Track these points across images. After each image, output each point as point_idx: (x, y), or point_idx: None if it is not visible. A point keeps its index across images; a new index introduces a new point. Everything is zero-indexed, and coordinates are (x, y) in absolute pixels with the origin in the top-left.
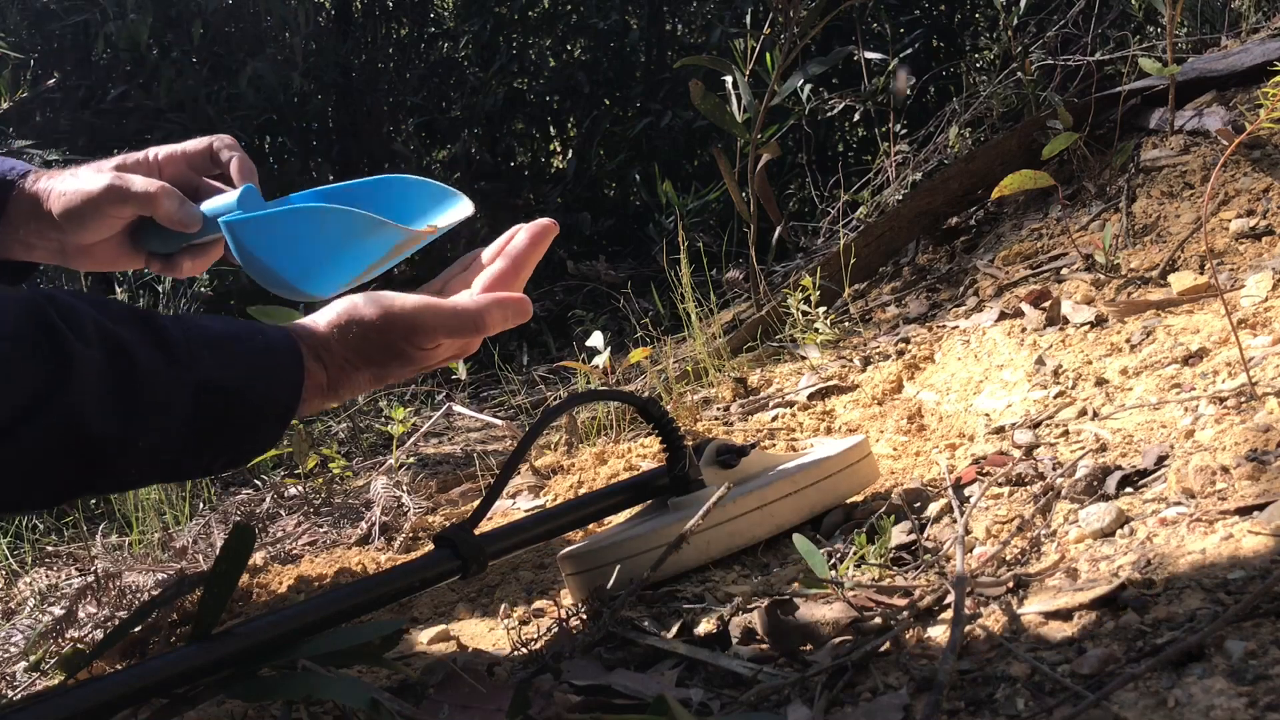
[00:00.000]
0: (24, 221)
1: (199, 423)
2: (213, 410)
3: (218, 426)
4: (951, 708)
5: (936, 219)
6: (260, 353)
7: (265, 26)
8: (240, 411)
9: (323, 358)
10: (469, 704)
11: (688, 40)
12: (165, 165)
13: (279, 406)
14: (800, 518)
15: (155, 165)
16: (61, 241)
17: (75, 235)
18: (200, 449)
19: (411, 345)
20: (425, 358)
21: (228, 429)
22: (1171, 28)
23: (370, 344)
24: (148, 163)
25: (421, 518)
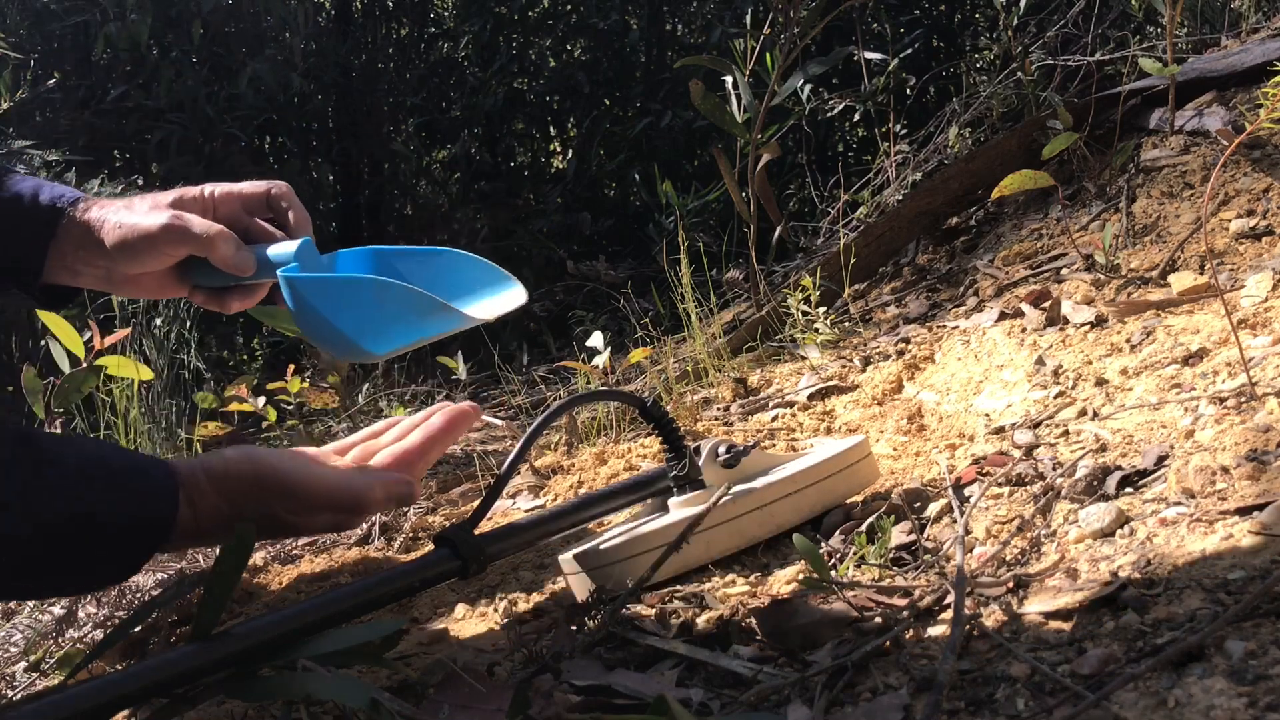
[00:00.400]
0: (74, 249)
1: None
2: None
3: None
4: (951, 708)
5: (936, 219)
6: (135, 494)
7: (265, 27)
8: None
9: (195, 502)
10: (469, 704)
11: (688, 40)
12: (220, 204)
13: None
14: (800, 518)
15: (210, 203)
16: (110, 270)
17: (126, 266)
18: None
19: (287, 510)
20: (302, 524)
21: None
22: (1171, 28)
23: (246, 500)
24: (203, 199)
25: (421, 518)
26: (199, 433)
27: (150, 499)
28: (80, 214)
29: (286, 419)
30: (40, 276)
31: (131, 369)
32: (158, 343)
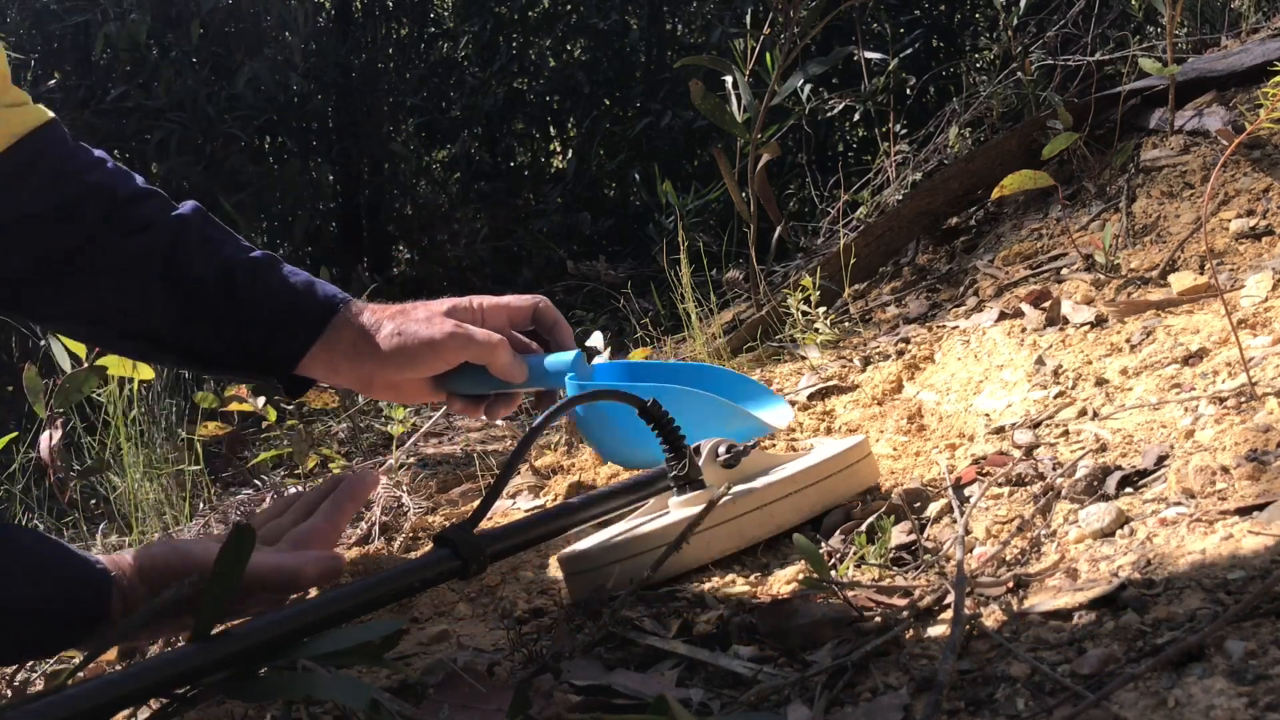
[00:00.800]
0: (344, 350)
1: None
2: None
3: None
4: (951, 708)
5: (936, 219)
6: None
7: (265, 27)
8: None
9: (126, 598)
10: (469, 704)
11: (688, 40)
12: (489, 315)
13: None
14: (800, 518)
15: (480, 314)
16: (374, 374)
17: (395, 372)
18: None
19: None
20: (236, 610)
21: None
22: (1171, 28)
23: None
24: (473, 310)
25: (421, 518)
26: (199, 433)
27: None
28: (355, 317)
29: (286, 419)
30: (295, 367)
31: (131, 369)
32: None
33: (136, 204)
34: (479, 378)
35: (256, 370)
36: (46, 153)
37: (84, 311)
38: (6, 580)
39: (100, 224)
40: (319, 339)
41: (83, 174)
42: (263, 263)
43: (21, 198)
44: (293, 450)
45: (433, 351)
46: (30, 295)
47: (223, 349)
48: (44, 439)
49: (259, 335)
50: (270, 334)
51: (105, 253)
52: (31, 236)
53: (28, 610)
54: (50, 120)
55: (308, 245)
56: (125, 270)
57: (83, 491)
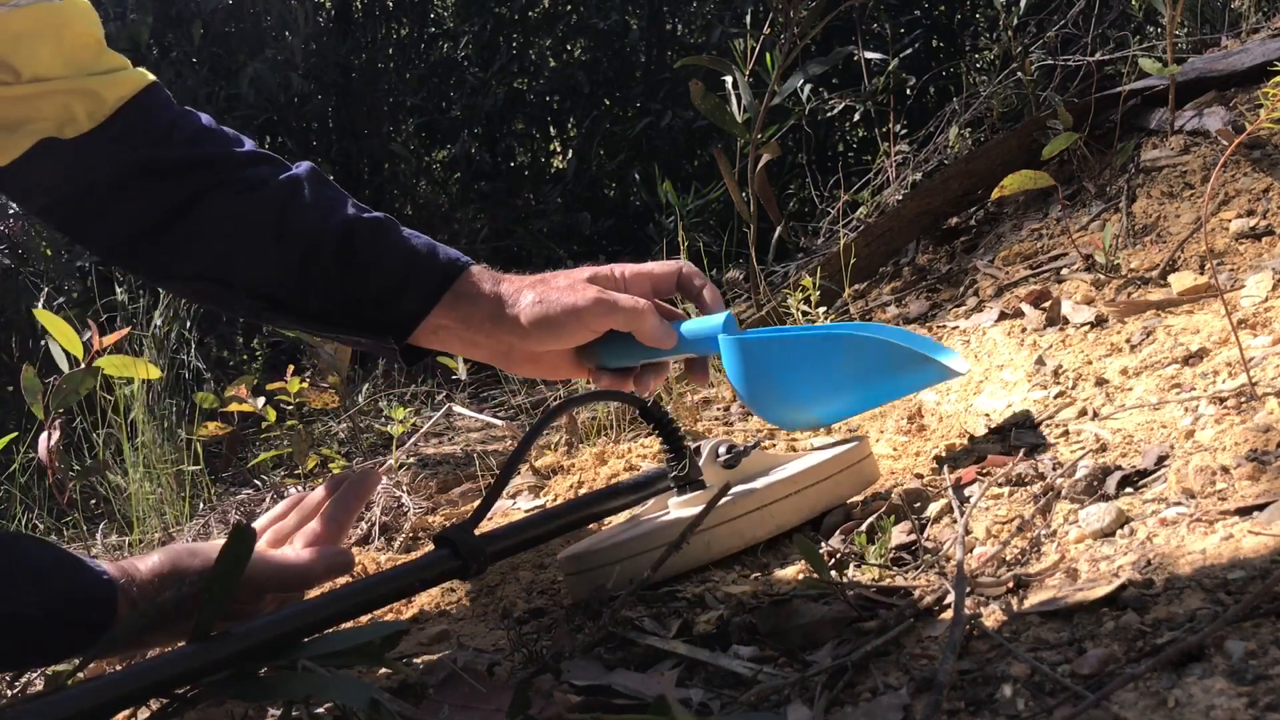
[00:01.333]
0: (480, 321)
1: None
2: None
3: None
4: (951, 708)
5: (936, 219)
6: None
7: (265, 27)
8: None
9: (136, 605)
10: (469, 704)
11: (688, 40)
12: (632, 283)
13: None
14: (800, 518)
15: (622, 281)
16: (514, 345)
17: (537, 343)
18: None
19: (234, 600)
20: (248, 610)
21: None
22: (1171, 28)
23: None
24: (614, 278)
25: (421, 518)
26: (199, 433)
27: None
28: (490, 283)
29: (286, 419)
30: (413, 332)
31: (135, 368)
32: (158, 342)
33: (249, 164)
34: (625, 347)
35: (375, 334)
36: (155, 112)
37: (199, 269)
38: (12, 589)
39: (211, 180)
40: (440, 303)
41: (192, 133)
42: (382, 223)
43: (132, 154)
44: (293, 450)
45: (577, 319)
46: (146, 249)
47: (339, 312)
48: (43, 439)
49: (376, 298)
50: (388, 296)
51: (217, 209)
52: (143, 191)
53: (34, 619)
54: (155, 82)
55: None
56: (238, 227)
57: (83, 491)
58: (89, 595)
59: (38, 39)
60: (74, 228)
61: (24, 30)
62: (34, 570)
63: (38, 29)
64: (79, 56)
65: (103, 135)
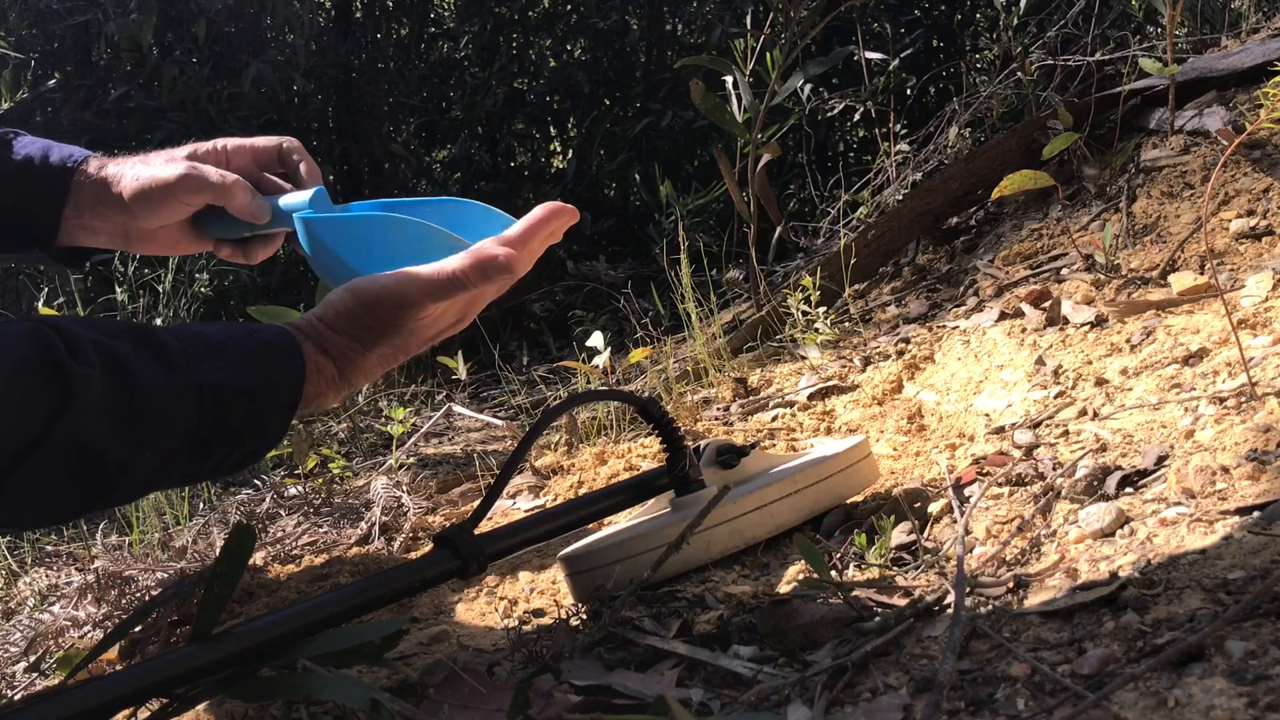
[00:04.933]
0: (89, 205)
1: (204, 427)
2: (217, 413)
3: (223, 428)
4: (951, 708)
5: (936, 219)
6: (258, 351)
7: (266, 26)
8: (244, 410)
9: (327, 349)
10: (469, 704)
11: (688, 40)
12: (233, 156)
13: (282, 400)
14: (800, 518)
15: (224, 155)
16: (127, 226)
17: (144, 219)
18: (208, 452)
19: (402, 319)
20: (424, 327)
21: (234, 429)
22: (1171, 28)
23: (364, 328)
24: (216, 152)
25: (421, 518)
26: None
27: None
28: (95, 171)
29: None
30: (56, 237)
31: None
32: None
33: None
34: (229, 221)
35: (27, 247)
36: None
37: None
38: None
39: None
40: (66, 202)
41: None
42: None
43: None
44: (292, 450)
45: (168, 193)
46: None
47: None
48: None
49: (13, 213)
50: (20, 209)
51: None
52: None
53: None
54: None
55: None
56: None
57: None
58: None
59: None
60: None
61: None
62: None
63: None
64: None
65: None
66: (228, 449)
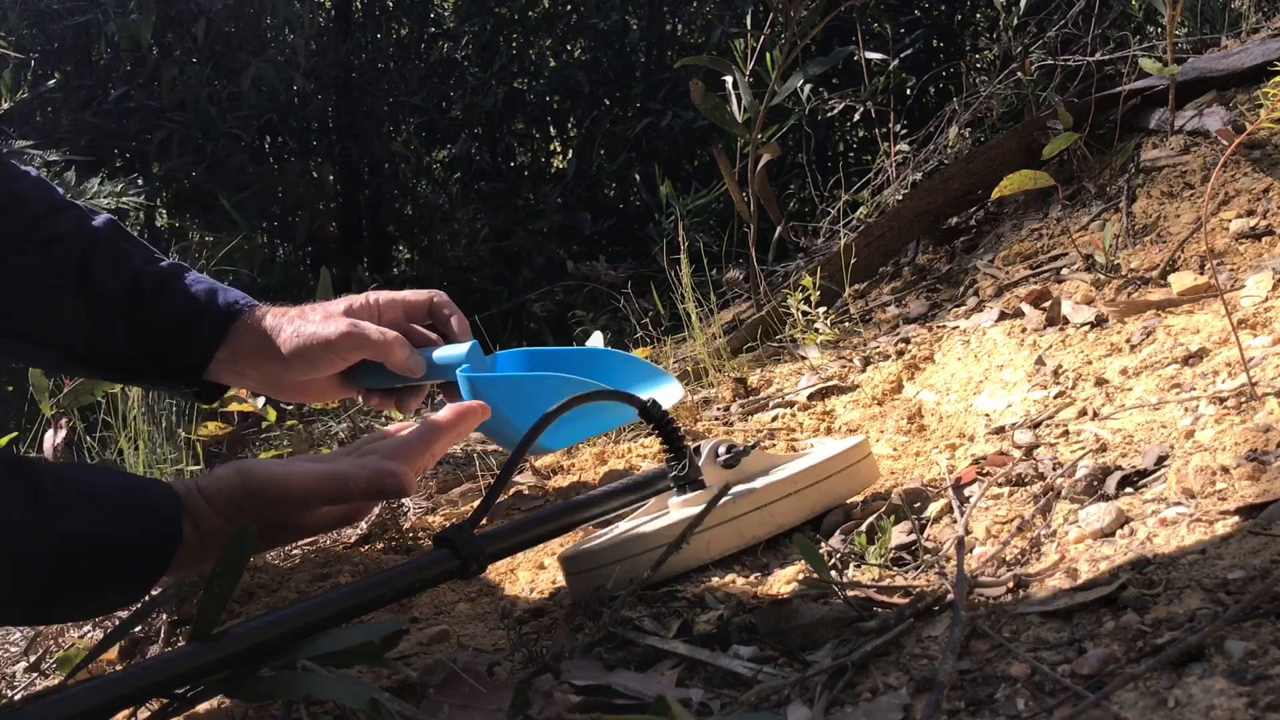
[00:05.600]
0: (247, 353)
1: (59, 576)
2: (76, 564)
3: (80, 581)
4: (951, 708)
5: (936, 219)
6: (139, 511)
7: (266, 26)
8: (105, 567)
9: (198, 524)
10: (469, 704)
11: (688, 40)
12: (385, 311)
13: (149, 566)
14: (800, 518)
15: (376, 310)
16: (280, 376)
17: (299, 373)
18: (58, 600)
19: (282, 511)
20: (305, 523)
21: (90, 584)
22: (1171, 28)
23: (242, 511)
24: (370, 306)
25: (421, 518)
26: (199, 433)
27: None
28: (256, 321)
29: (286, 419)
30: (203, 374)
31: None
32: None
33: (52, 216)
34: (382, 373)
35: (170, 379)
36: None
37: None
38: (71, 513)
39: (16, 237)
40: (223, 344)
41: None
42: (168, 273)
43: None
44: (292, 450)
45: (330, 350)
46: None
47: (135, 359)
48: (49, 438)
49: (166, 344)
50: (177, 342)
51: (20, 265)
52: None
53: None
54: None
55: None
56: (39, 282)
57: None
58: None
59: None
60: None
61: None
62: (94, 492)
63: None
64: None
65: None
66: (78, 601)
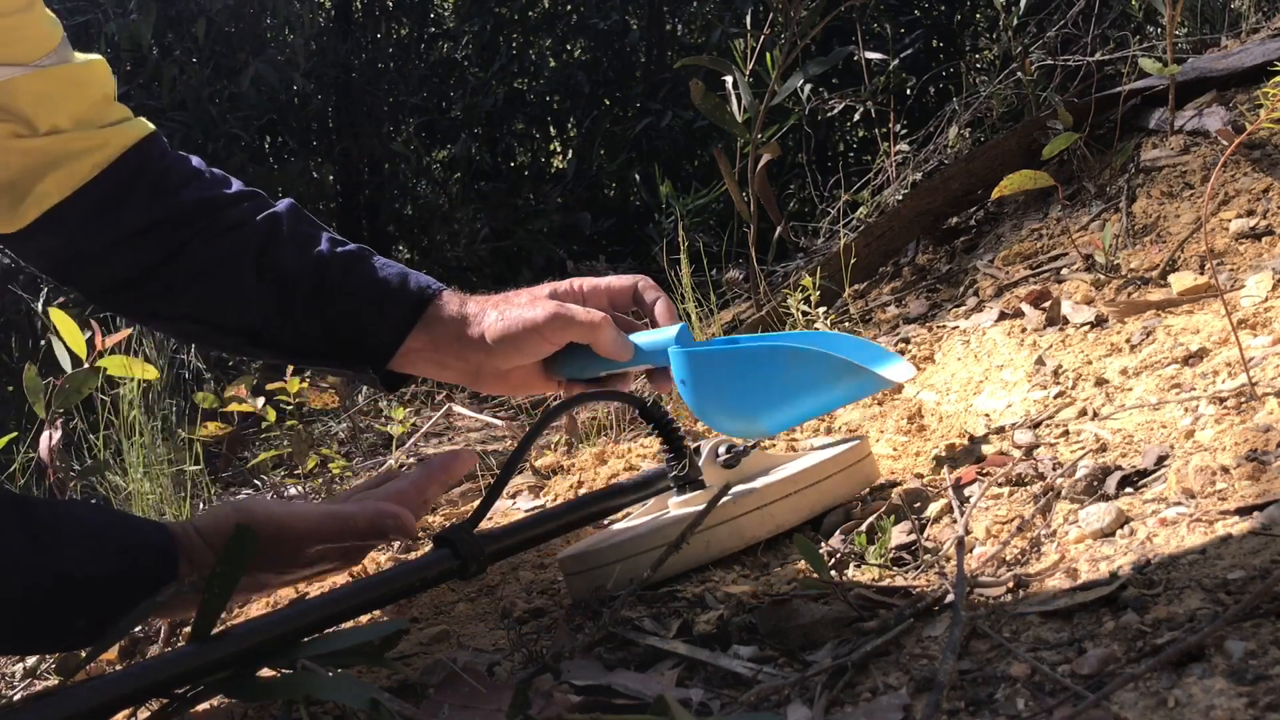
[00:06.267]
0: (447, 341)
1: (51, 612)
2: (68, 602)
3: (69, 617)
4: (951, 708)
5: (936, 219)
6: (136, 547)
7: (266, 26)
8: (97, 604)
9: (193, 562)
10: (469, 704)
11: (688, 40)
12: (589, 297)
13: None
14: (800, 518)
15: (581, 295)
16: (481, 364)
17: (503, 359)
18: (43, 633)
19: (280, 552)
20: (301, 564)
21: (80, 620)
22: (1171, 28)
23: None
24: (574, 292)
25: (421, 518)
26: (199, 433)
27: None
28: (455, 308)
29: (286, 419)
30: (390, 359)
31: (136, 368)
32: (158, 343)
33: (231, 206)
34: (586, 360)
35: (354, 363)
36: (147, 166)
37: (183, 311)
38: (66, 551)
39: (198, 225)
40: (414, 329)
41: (181, 187)
42: (355, 256)
43: (125, 212)
44: (292, 450)
45: (537, 333)
46: (130, 297)
47: (318, 344)
48: (44, 439)
49: (352, 329)
50: (363, 327)
51: (200, 255)
52: (133, 246)
53: (92, 579)
54: (151, 134)
55: None
56: (219, 269)
57: (83, 491)
58: (145, 552)
59: (59, 99)
60: (67, 276)
61: (48, 90)
62: (90, 530)
63: (60, 90)
64: (91, 113)
65: (104, 184)
66: (60, 637)
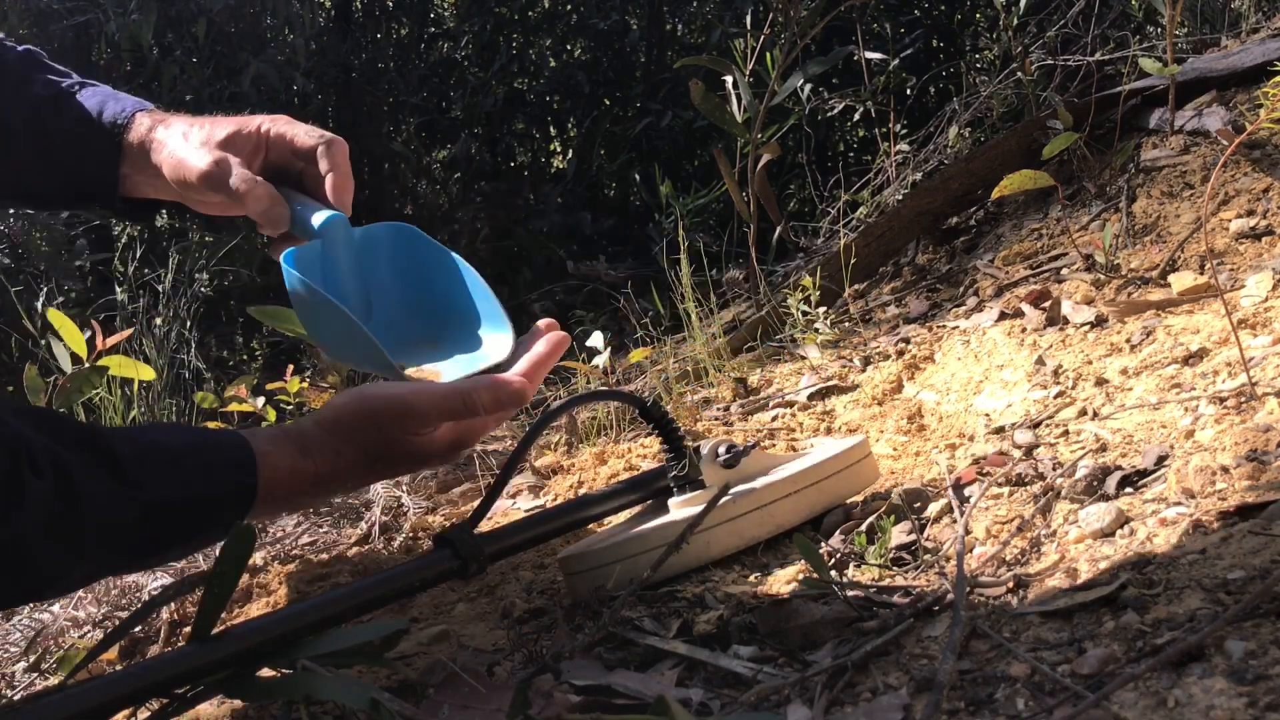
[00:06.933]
0: (139, 169)
1: (146, 539)
2: (160, 527)
3: (165, 540)
4: (951, 708)
5: (936, 219)
6: (217, 464)
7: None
8: (188, 524)
9: (311, 451)
10: (469, 704)
11: (688, 40)
12: (273, 146)
13: (226, 516)
14: (800, 518)
15: (264, 142)
16: (184, 196)
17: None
18: (146, 558)
19: (404, 431)
20: (424, 444)
21: (175, 541)
22: (1171, 28)
23: (363, 434)
24: (257, 137)
25: (421, 518)
26: None
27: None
28: (145, 133)
29: (286, 419)
30: (115, 195)
31: (133, 369)
32: (158, 343)
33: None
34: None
35: (92, 203)
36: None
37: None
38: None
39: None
40: (120, 162)
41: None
42: (65, 92)
43: None
44: None
45: (191, 186)
46: None
47: (51, 189)
48: None
49: (74, 171)
50: (80, 170)
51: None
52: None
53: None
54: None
55: None
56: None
57: None
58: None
59: None
60: None
61: None
62: (169, 456)
63: None
64: None
65: None
66: (164, 555)
